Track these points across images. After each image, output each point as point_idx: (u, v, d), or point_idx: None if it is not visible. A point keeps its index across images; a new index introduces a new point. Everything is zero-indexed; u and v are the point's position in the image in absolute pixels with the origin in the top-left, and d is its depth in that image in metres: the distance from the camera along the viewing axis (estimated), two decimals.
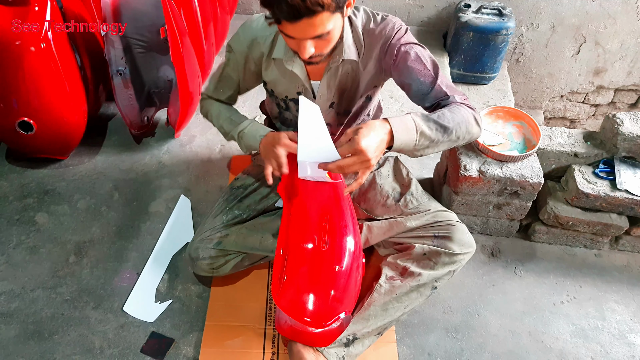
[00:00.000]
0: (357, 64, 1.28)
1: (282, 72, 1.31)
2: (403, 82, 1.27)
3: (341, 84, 1.32)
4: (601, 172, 1.58)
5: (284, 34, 1.08)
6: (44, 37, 1.59)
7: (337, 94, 1.34)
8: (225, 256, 1.39)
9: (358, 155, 1.06)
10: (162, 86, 2.05)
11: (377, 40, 1.25)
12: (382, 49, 1.25)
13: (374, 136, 1.07)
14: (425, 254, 1.34)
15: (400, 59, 1.23)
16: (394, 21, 1.25)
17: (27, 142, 1.74)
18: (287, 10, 0.98)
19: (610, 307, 1.54)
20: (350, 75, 1.31)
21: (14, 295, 1.49)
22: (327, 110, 1.38)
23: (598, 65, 2.75)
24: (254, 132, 1.32)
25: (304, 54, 1.09)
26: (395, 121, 1.10)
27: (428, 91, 1.23)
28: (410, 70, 1.22)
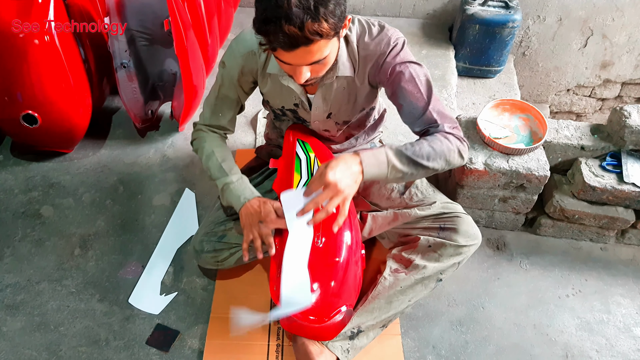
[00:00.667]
0: (353, 79, 1.25)
1: (278, 86, 1.28)
2: (397, 102, 1.24)
3: (337, 97, 1.29)
4: (608, 165, 1.57)
5: (279, 60, 1.04)
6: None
7: (334, 107, 1.32)
8: (229, 249, 1.39)
9: (329, 188, 1.05)
10: (166, 79, 2.05)
11: (372, 55, 1.20)
12: (376, 64, 1.21)
13: (344, 169, 1.06)
14: (431, 246, 1.33)
15: (394, 78, 1.20)
16: (390, 35, 1.19)
17: (32, 135, 1.75)
18: (284, 40, 0.95)
19: (616, 300, 1.54)
20: (347, 89, 1.28)
21: (19, 287, 1.50)
22: (325, 120, 1.37)
23: (605, 59, 2.72)
24: (239, 192, 1.27)
25: (299, 79, 1.07)
26: (367, 155, 1.10)
27: (419, 115, 1.21)
28: (403, 92, 1.20)
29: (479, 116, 1.61)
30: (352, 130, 1.46)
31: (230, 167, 1.31)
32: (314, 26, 0.94)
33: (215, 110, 1.36)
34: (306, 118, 1.37)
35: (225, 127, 1.39)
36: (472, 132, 1.61)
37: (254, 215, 1.23)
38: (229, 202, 1.30)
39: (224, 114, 1.36)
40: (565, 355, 1.40)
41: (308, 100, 1.30)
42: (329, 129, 1.41)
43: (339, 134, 1.44)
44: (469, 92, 2.44)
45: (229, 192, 1.28)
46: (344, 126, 1.40)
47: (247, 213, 1.24)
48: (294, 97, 1.30)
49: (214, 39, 2.16)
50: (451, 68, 2.42)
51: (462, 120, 1.65)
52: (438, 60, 2.45)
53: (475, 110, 2.32)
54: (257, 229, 1.22)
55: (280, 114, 1.41)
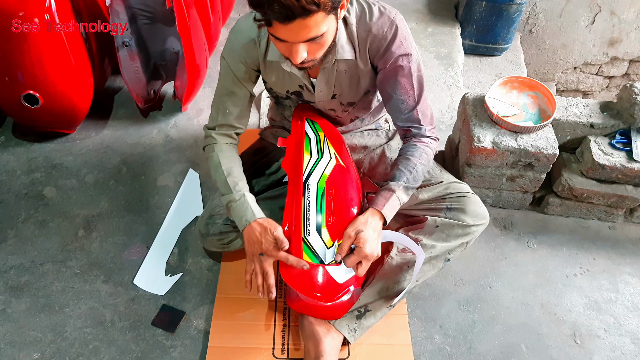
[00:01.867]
0: (355, 63, 1.22)
1: (281, 72, 1.25)
2: (385, 91, 1.26)
3: (340, 80, 1.26)
4: (617, 143, 1.54)
5: (275, 37, 1.00)
6: (48, 9, 1.55)
7: (338, 89, 1.29)
8: (235, 231, 1.37)
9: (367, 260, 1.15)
10: (168, 59, 2.02)
11: (375, 38, 1.17)
12: (378, 48, 1.18)
13: (374, 237, 1.16)
14: (438, 226, 1.32)
15: (393, 69, 1.20)
16: (392, 17, 1.16)
17: (34, 115, 1.72)
18: (280, 11, 0.91)
19: (624, 279, 1.53)
20: (348, 72, 1.25)
21: (23, 269, 1.50)
22: (329, 101, 1.34)
23: (613, 36, 2.68)
24: (241, 213, 1.22)
25: (295, 58, 1.02)
26: (387, 210, 1.19)
27: (406, 112, 1.26)
28: (396, 85, 1.22)
29: (487, 94, 1.58)
30: (358, 113, 1.44)
31: (235, 183, 1.25)
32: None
33: (223, 108, 1.31)
34: (310, 100, 1.35)
35: (234, 125, 1.33)
36: (480, 110, 1.58)
37: (255, 244, 1.19)
38: (233, 219, 1.26)
39: (231, 111, 1.31)
40: (573, 334, 1.40)
41: (311, 83, 1.28)
42: (334, 108, 1.38)
43: (345, 115, 1.42)
44: (475, 70, 2.40)
45: (232, 211, 1.24)
46: (349, 107, 1.38)
47: (249, 240, 1.21)
48: (298, 81, 1.28)
49: (217, 17, 2.12)
50: (457, 46, 2.38)
51: (470, 99, 1.62)
52: (444, 37, 2.41)
53: (482, 89, 2.29)
54: (259, 263, 1.19)
55: (284, 98, 1.38)
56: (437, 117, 2.02)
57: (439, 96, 2.12)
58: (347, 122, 1.47)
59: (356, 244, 1.14)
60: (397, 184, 1.21)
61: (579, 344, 1.38)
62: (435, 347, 1.35)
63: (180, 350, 1.33)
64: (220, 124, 1.33)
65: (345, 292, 1.19)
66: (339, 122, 1.46)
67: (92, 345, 1.34)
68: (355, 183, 1.29)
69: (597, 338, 1.39)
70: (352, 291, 1.21)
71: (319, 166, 1.28)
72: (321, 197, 1.22)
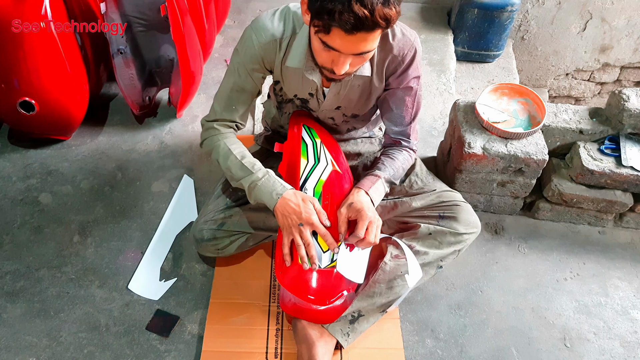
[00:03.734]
0: (370, 79, 1.24)
1: (296, 78, 1.25)
2: (388, 105, 1.30)
3: (350, 94, 1.28)
4: (606, 148, 1.57)
5: (326, 45, 0.99)
6: (43, 16, 1.57)
7: (345, 101, 1.31)
8: (229, 237, 1.38)
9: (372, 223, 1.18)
10: (163, 65, 2.04)
11: (395, 58, 1.20)
12: (395, 68, 1.22)
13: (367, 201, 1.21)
14: (431, 234, 1.34)
15: (402, 89, 1.26)
16: (413, 39, 1.20)
17: (29, 122, 1.74)
18: (349, 21, 0.91)
19: (614, 283, 1.55)
20: (361, 87, 1.27)
21: (19, 274, 1.50)
22: (332, 110, 1.36)
23: (604, 42, 2.71)
24: (269, 188, 1.19)
25: (340, 70, 1.02)
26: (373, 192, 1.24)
27: (401, 126, 1.33)
28: (401, 103, 1.28)
29: (477, 100, 1.60)
30: (357, 124, 1.46)
31: (253, 164, 1.24)
32: (384, 10, 0.92)
33: (229, 103, 1.28)
34: (314, 108, 1.36)
35: (237, 121, 1.32)
36: (471, 116, 1.61)
37: (292, 215, 1.15)
38: (259, 200, 1.22)
39: (237, 108, 1.29)
40: (563, 338, 1.41)
41: (323, 92, 1.29)
42: (334, 117, 1.40)
43: (343, 125, 1.44)
44: (467, 76, 2.42)
45: (257, 191, 1.21)
46: (351, 118, 1.40)
47: (284, 213, 1.16)
48: (311, 88, 1.28)
49: (211, 24, 2.14)
50: (450, 52, 2.40)
51: (461, 105, 1.65)
52: (437, 44, 2.44)
53: (474, 95, 2.31)
54: (300, 233, 1.15)
55: (287, 102, 1.39)
56: (429, 124, 2.04)
57: (432, 102, 2.14)
58: (344, 132, 1.49)
59: (354, 216, 1.17)
60: (382, 172, 1.28)
61: (568, 348, 1.40)
62: (427, 351, 1.37)
63: (174, 355, 1.34)
64: (223, 119, 1.30)
65: (339, 297, 1.21)
66: (335, 131, 1.48)
67: (86, 350, 1.34)
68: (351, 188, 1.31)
69: (586, 342, 1.41)
70: (345, 295, 1.23)
71: (316, 172, 1.30)
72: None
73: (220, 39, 2.44)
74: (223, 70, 2.28)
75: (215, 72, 2.27)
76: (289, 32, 1.17)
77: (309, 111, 1.40)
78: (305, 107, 1.38)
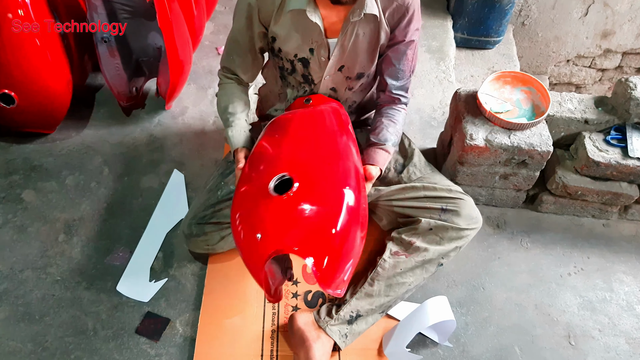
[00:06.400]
0: (377, 25, 1.22)
1: (296, 25, 1.21)
2: (389, 60, 1.30)
3: (356, 45, 1.24)
4: (612, 139, 1.51)
5: None
6: (22, 3, 1.48)
7: (351, 56, 1.26)
8: (220, 231, 1.34)
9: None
10: (150, 54, 1.95)
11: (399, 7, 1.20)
12: (400, 19, 1.22)
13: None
14: (432, 229, 1.29)
15: (405, 42, 1.26)
16: None
17: (10, 115, 1.66)
18: None
19: (619, 278, 1.50)
20: (367, 36, 1.23)
21: (2, 276, 1.44)
22: (335, 74, 1.31)
23: (606, 28, 2.64)
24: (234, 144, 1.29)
25: None
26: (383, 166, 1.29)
27: (402, 79, 1.32)
28: (403, 57, 1.28)
29: (479, 90, 1.54)
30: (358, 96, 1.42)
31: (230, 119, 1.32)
32: None
33: (229, 52, 1.34)
34: (316, 74, 1.31)
35: (238, 74, 1.36)
36: (472, 106, 1.54)
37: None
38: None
39: (234, 59, 1.34)
40: (568, 335, 1.37)
41: (327, 44, 1.24)
42: (336, 87, 1.35)
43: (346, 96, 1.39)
44: (467, 63, 2.36)
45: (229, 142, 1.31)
46: (355, 82, 1.34)
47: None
48: (312, 40, 1.23)
49: (201, 10, 2.06)
50: (449, 39, 2.33)
51: (462, 95, 1.58)
52: (435, 31, 2.36)
53: (474, 82, 2.25)
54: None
55: (290, 68, 1.33)
56: (428, 114, 1.98)
57: (431, 91, 2.07)
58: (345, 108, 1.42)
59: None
60: (389, 145, 1.30)
61: (573, 345, 1.36)
62: (428, 351, 1.32)
63: (165, 359, 1.28)
64: (225, 67, 1.37)
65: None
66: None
67: (73, 355, 1.29)
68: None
69: (591, 339, 1.37)
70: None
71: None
72: None
73: (210, 25, 2.35)
74: (214, 59, 2.20)
75: (205, 60, 2.19)
76: None
77: (310, 84, 1.35)
78: (307, 76, 1.33)
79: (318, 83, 1.33)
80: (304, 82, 1.35)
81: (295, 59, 1.29)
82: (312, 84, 1.34)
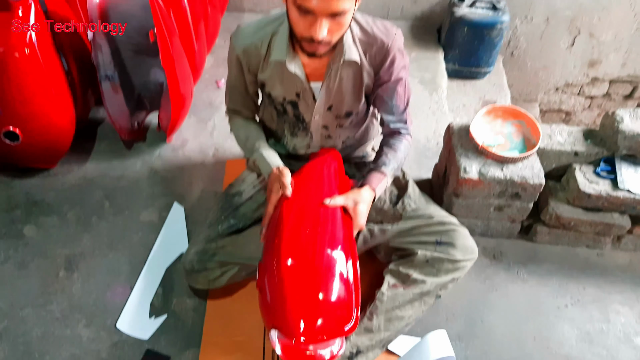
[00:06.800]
0: (359, 68, 1.26)
1: (280, 74, 1.27)
2: (382, 98, 1.33)
3: (341, 87, 1.28)
4: (602, 171, 1.55)
5: (301, 9, 1.05)
6: (29, 43, 1.52)
7: (338, 97, 1.30)
8: (221, 267, 1.35)
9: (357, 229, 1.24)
10: (152, 89, 1.99)
11: (380, 49, 1.24)
12: (382, 60, 1.26)
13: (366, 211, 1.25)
14: (428, 261, 1.31)
15: (394, 80, 1.29)
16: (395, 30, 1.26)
17: (14, 152, 1.68)
18: None
19: (615, 308, 1.52)
20: (352, 78, 1.27)
21: (2, 314, 1.44)
22: (325, 114, 1.34)
23: (593, 57, 2.73)
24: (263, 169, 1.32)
25: (317, 32, 1.06)
26: (379, 189, 1.30)
27: (398, 114, 1.35)
28: (394, 94, 1.31)
29: (471, 123, 1.58)
30: (350, 131, 1.44)
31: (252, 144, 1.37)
32: None
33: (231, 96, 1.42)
34: (306, 114, 1.35)
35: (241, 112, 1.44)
36: (465, 139, 1.59)
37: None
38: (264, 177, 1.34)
39: (236, 101, 1.42)
40: None
41: (310, 89, 1.28)
42: (328, 125, 1.38)
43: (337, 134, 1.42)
44: (459, 93, 2.41)
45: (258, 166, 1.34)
46: (345, 120, 1.38)
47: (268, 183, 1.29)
48: (297, 86, 1.28)
49: (201, 45, 2.11)
50: (441, 70, 2.40)
51: (455, 128, 1.63)
52: (427, 62, 2.43)
53: (466, 112, 2.30)
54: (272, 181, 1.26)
55: (282, 110, 1.37)
56: (423, 144, 2.02)
57: (425, 122, 2.12)
58: (339, 145, 1.46)
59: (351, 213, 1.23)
60: (387, 169, 1.32)
61: None
62: None
63: None
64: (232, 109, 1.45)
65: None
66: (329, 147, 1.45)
67: None
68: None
69: None
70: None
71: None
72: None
73: (210, 59, 2.41)
74: (214, 92, 2.25)
75: (206, 93, 2.24)
76: (270, 31, 1.23)
77: (302, 123, 1.39)
78: (298, 117, 1.37)
79: (309, 122, 1.37)
80: (297, 121, 1.40)
81: (284, 101, 1.34)
82: (304, 122, 1.38)
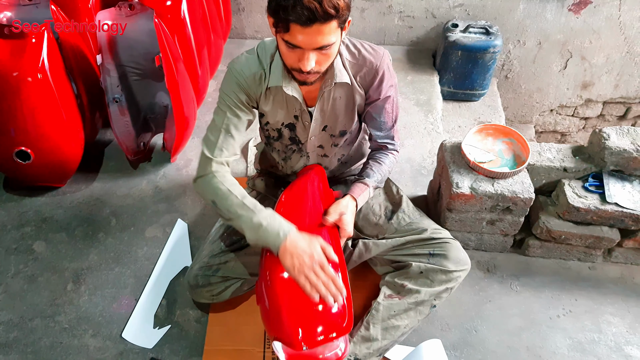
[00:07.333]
0: (351, 88, 1.31)
1: (279, 100, 1.32)
2: (370, 115, 1.39)
3: (335, 107, 1.34)
4: (590, 185, 1.61)
5: (288, 44, 1.08)
6: (41, 68, 1.62)
7: (332, 117, 1.36)
8: (224, 282, 1.40)
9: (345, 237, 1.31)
10: (158, 112, 2.08)
11: (369, 70, 1.30)
12: (372, 80, 1.32)
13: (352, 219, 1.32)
14: (422, 272, 1.36)
15: (383, 98, 1.35)
16: (382, 52, 1.31)
17: (25, 171, 1.76)
18: (302, 13, 1.00)
19: (606, 319, 1.56)
20: (344, 98, 1.33)
21: (12, 325, 1.50)
22: (320, 134, 1.41)
23: (585, 79, 2.80)
24: (276, 228, 1.15)
25: (305, 65, 1.10)
26: (360, 200, 1.37)
27: (386, 130, 1.42)
28: (382, 111, 1.38)
29: (463, 141, 1.65)
30: (345, 149, 1.50)
31: (254, 204, 1.21)
32: (332, 1, 1.01)
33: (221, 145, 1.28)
34: (302, 136, 1.40)
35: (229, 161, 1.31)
36: (457, 156, 1.65)
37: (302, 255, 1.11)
38: (262, 240, 1.16)
39: (228, 149, 1.29)
40: None
41: (308, 112, 1.34)
42: (323, 144, 1.44)
43: (333, 152, 1.47)
44: (454, 115, 2.49)
45: (263, 231, 1.15)
46: (339, 139, 1.43)
47: (296, 251, 1.12)
48: (295, 109, 1.33)
49: (205, 71, 2.21)
50: (436, 93, 2.48)
51: (447, 146, 1.69)
52: (423, 85, 2.52)
53: (461, 133, 2.37)
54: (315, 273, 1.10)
55: (276, 136, 1.43)
56: (418, 163, 2.09)
57: (420, 142, 2.20)
58: (335, 163, 1.52)
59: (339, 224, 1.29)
60: (370, 180, 1.40)
61: None
62: None
63: None
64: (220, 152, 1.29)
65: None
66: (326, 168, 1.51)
67: None
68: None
69: None
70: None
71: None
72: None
73: (213, 83, 2.51)
74: None
75: (208, 116, 2.28)
76: (268, 61, 1.27)
77: (299, 144, 1.44)
78: (294, 137, 1.42)
79: (305, 143, 1.42)
80: (291, 144, 1.45)
81: (282, 126, 1.39)
82: (300, 143, 1.44)
